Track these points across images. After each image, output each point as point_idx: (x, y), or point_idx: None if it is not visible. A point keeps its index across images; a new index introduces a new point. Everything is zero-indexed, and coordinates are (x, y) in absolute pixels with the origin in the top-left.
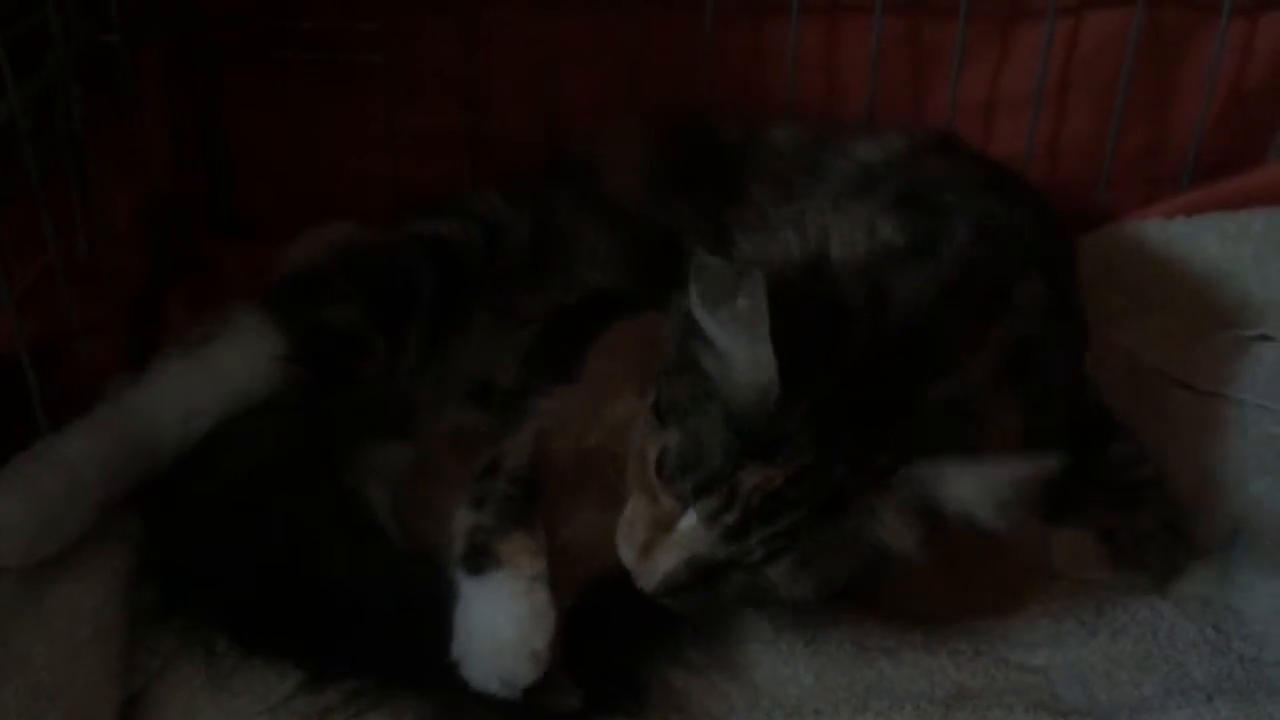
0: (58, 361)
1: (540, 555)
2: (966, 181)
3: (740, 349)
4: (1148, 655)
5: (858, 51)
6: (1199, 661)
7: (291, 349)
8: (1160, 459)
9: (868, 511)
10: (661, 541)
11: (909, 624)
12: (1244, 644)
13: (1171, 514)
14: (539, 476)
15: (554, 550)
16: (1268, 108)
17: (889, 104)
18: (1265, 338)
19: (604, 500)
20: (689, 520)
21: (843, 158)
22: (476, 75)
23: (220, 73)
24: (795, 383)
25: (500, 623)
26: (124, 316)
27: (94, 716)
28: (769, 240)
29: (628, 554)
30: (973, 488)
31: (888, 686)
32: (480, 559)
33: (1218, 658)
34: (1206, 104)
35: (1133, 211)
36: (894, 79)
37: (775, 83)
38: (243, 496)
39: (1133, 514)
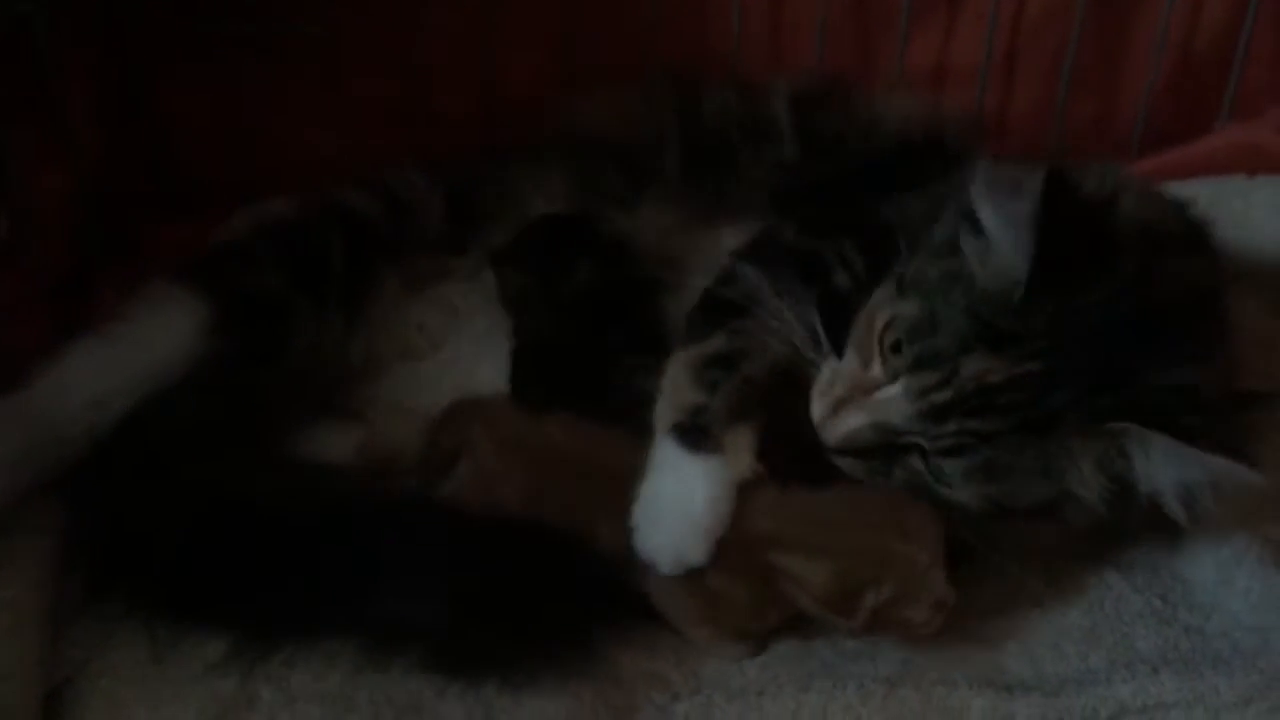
0: None
1: (750, 458)
2: None
3: (1006, 241)
4: (1094, 627)
5: (803, 20)
6: (1145, 633)
7: (216, 318)
8: None
9: (1068, 450)
10: (858, 401)
11: None
12: (1190, 614)
13: None
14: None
15: None
16: (1215, 76)
17: (836, 70)
18: None
19: None
20: (893, 390)
21: None
22: (414, 49)
23: (153, 47)
24: (1048, 291)
25: (697, 503)
26: (50, 298)
27: (15, 710)
28: None
29: (820, 407)
30: (1175, 470)
31: (831, 669)
32: (700, 437)
33: (1164, 628)
34: (1154, 73)
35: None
36: (841, 48)
37: (719, 52)
38: (167, 466)
39: None
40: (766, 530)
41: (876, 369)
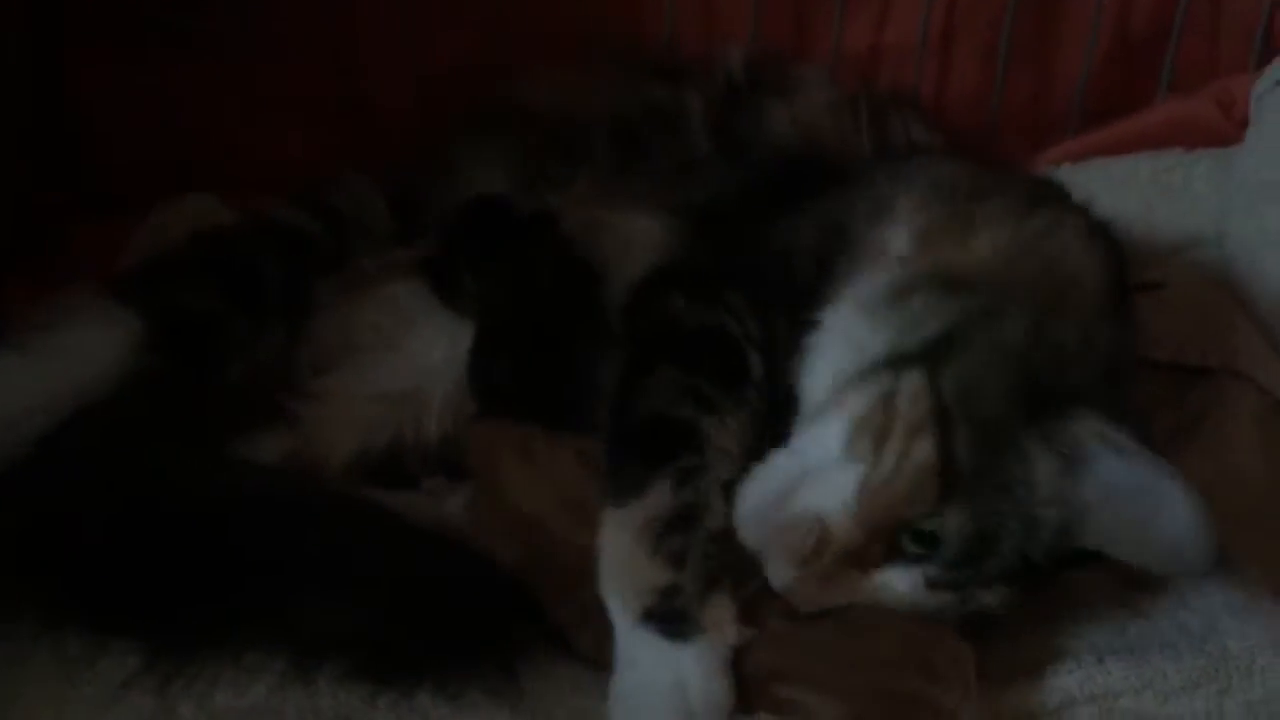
0: None
1: (735, 624)
2: None
3: (1113, 528)
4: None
5: None
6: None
7: (150, 335)
8: None
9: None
10: (847, 577)
11: None
12: (1138, 604)
13: None
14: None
15: None
16: (1154, 49)
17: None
18: (1154, 286)
19: None
20: (900, 582)
21: None
22: (342, 40)
23: (70, 38)
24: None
25: (694, 698)
26: None
27: None
28: None
29: (786, 575)
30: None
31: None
32: (680, 623)
33: (1111, 612)
34: (1092, 47)
35: (1020, 159)
36: (776, 26)
37: (653, 32)
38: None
39: None
40: (768, 664)
41: (879, 546)
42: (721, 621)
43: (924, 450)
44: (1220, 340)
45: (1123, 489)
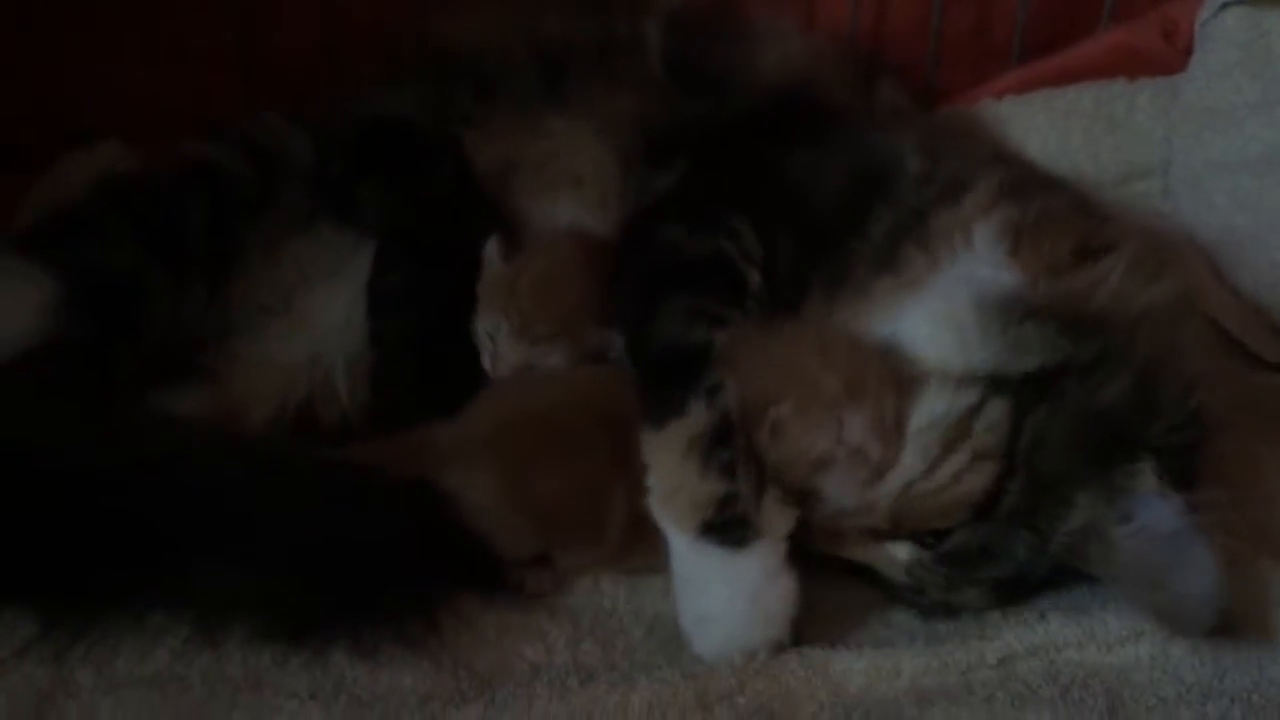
0: None
1: (790, 514)
2: None
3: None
4: None
5: None
6: None
7: (65, 296)
8: None
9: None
10: (864, 542)
11: None
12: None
13: None
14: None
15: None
16: None
17: None
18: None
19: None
20: (899, 555)
21: None
22: None
23: None
24: None
25: (768, 597)
26: None
27: None
28: None
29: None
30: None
31: None
32: (741, 531)
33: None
34: None
35: (962, 93)
36: None
37: None
38: None
39: None
40: None
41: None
42: (775, 518)
43: (976, 481)
44: None
45: (1154, 541)
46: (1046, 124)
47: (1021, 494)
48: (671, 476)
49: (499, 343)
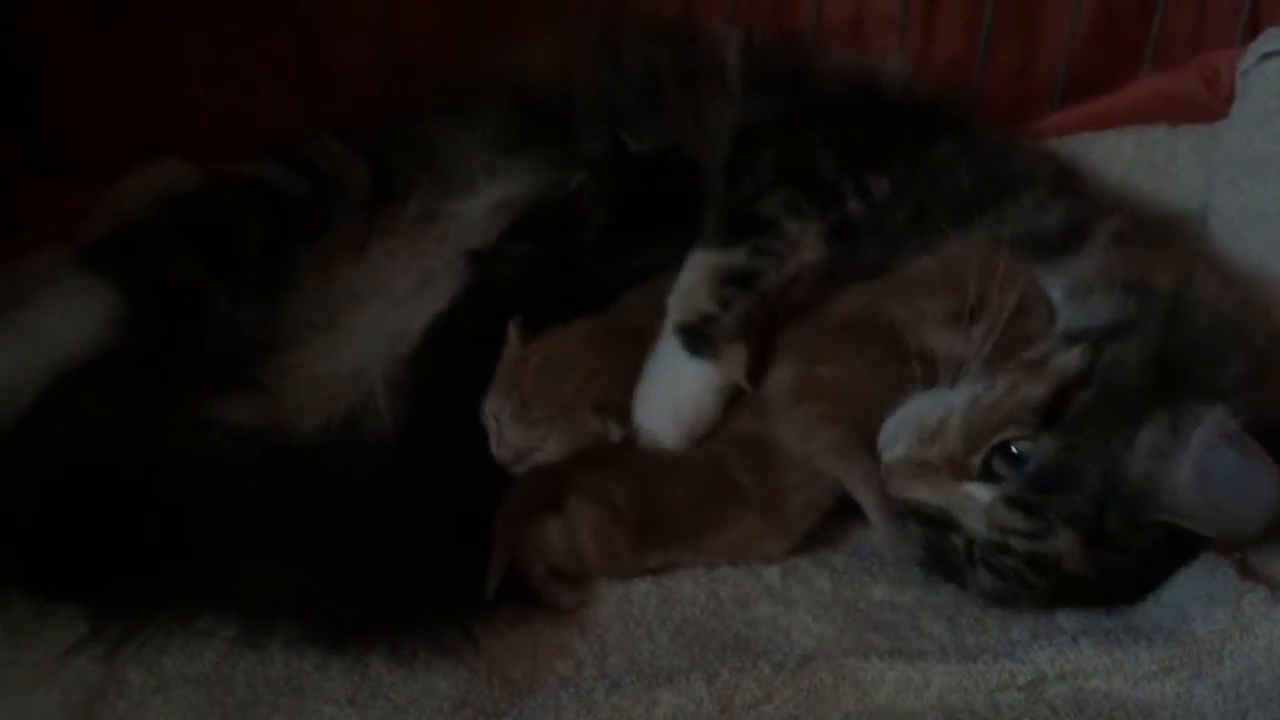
0: None
1: (742, 372)
2: None
3: (1201, 495)
4: None
5: None
6: (1067, 611)
7: (127, 309)
8: None
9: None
10: (942, 478)
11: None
12: None
13: None
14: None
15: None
16: (1139, 23)
17: (750, 22)
18: None
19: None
20: (981, 498)
21: None
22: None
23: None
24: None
25: (683, 398)
26: None
27: None
28: None
29: (896, 448)
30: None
31: (744, 642)
32: (701, 344)
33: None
34: (1075, 22)
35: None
36: None
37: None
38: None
39: None
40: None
41: (977, 459)
42: (735, 362)
43: (1033, 391)
44: None
45: (1222, 477)
46: (1088, 167)
47: (1092, 402)
48: (687, 284)
49: (502, 424)
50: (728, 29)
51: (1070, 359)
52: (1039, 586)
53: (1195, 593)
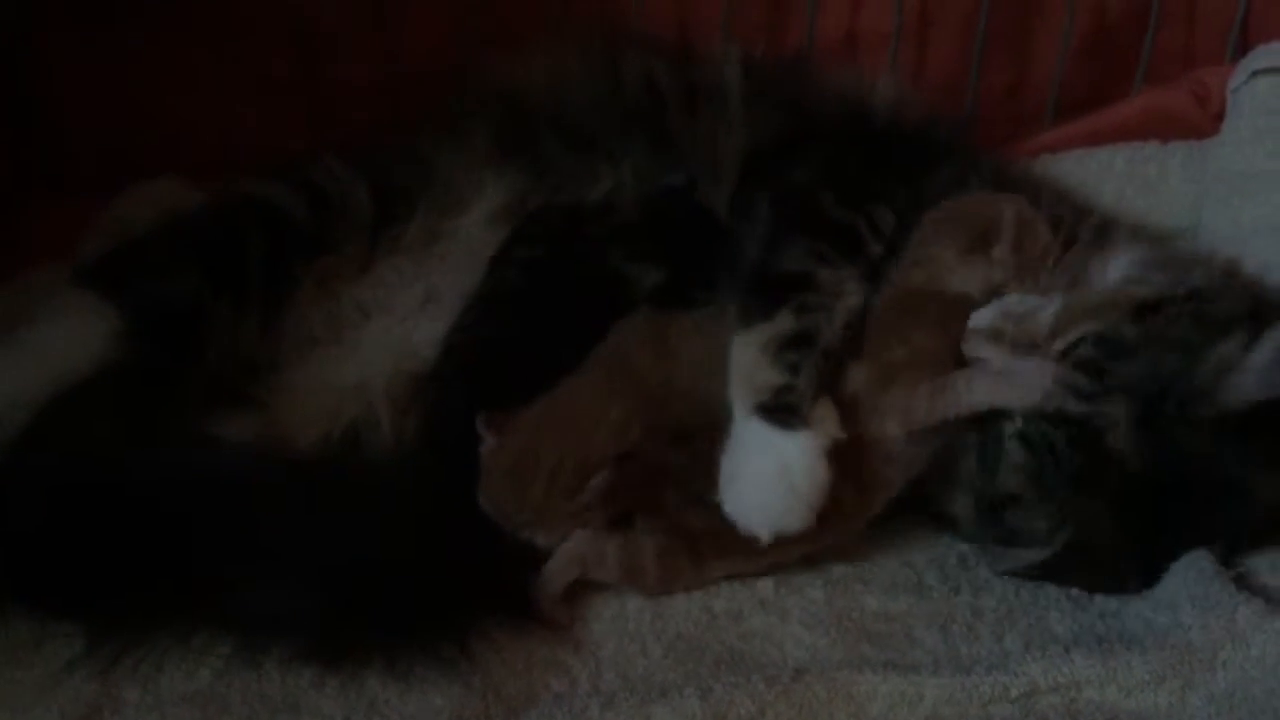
0: None
1: (837, 425)
2: None
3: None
4: (1010, 611)
5: None
6: (1060, 617)
7: (127, 326)
8: None
9: None
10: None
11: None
12: (1107, 600)
13: None
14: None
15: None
16: (1130, 41)
17: (743, 39)
18: None
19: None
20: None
21: None
22: (310, 17)
23: (29, 14)
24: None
25: (795, 477)
26: None
27: None
28: None
29: (983, 318)
30: None
31: (737, 656)
32: (789, 416)
33: (1079, 613)
34: (1067, 39)
35: (997, 150)
36: (748, 14)
37: (623, 17)
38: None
39: None
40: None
41: (1059, 343)
42: (825, 419)
43: (1140, 290)
44: None
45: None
46: (1079, 184)
47: (1181, 318)
48: (745, 364)
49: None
50: (726, 46)
51: (1170, 281)
52: (1071, 464)
53: (1190, 594)
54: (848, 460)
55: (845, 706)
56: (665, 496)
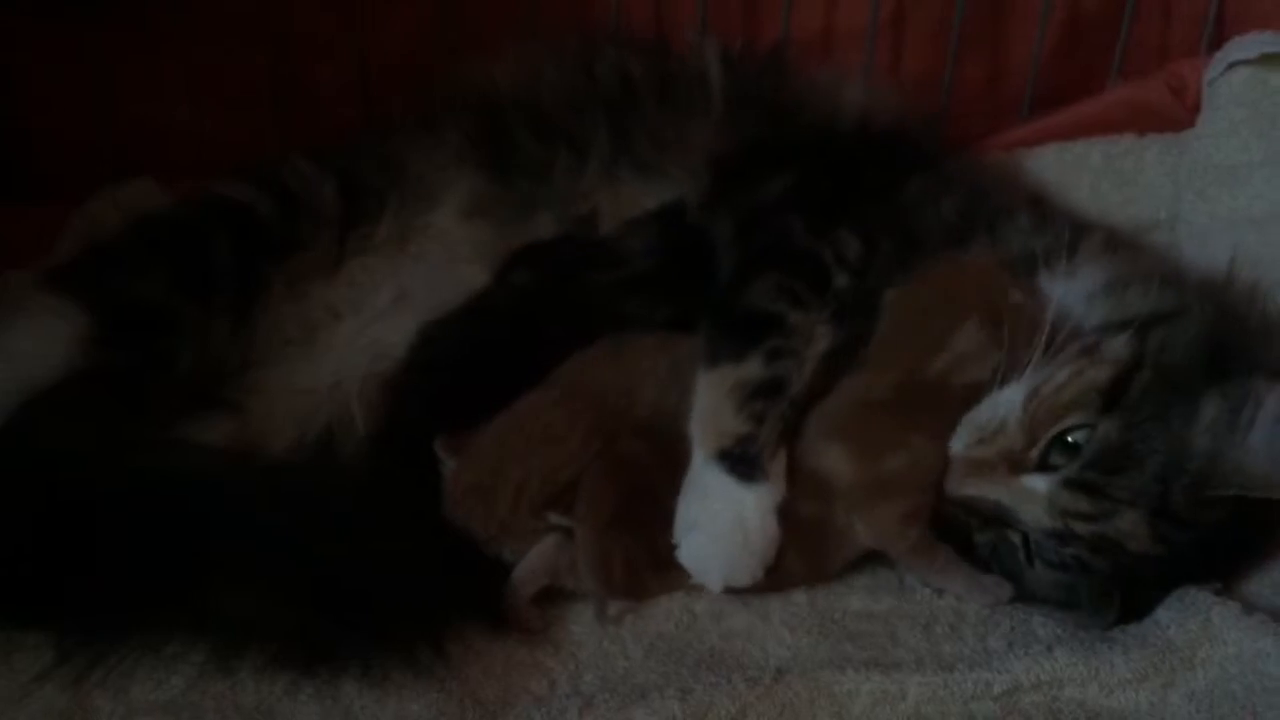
0: None
1: (784, 481)
2: None
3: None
4: (993, 612)
5: None
6: (1044, 620)
7: (96, 331)
8: None
9: None
10: (1000, 474)
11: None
12: None
13: None
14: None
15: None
16: (1105, 35)
17: (719, 36)
18: None
19: (935, 430)
20: (1040, 487)
21: None
22: (282, 18)
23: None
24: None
25: (750, 529)
26: None
27: None
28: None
29: (954, 447)
30: None
31: (719, 657)
32: (749, 467)
33: None
34: (1042, 32)
35: (973, 144)
36: (724, 10)
37: (601, 11)
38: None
39: None
40: None
41: (1035, 451)
42: (779, 473)
43: (1098, 374)
44: None
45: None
46: (1056, 177)
47: (1148, 383)
48: (710, 407)
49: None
50: (705, 39)
51: (1119, 345)
52: (1101, 571)
53: (1167, 598)
54: (807, 535)
55: (827, 706)
56: (645, 510)
